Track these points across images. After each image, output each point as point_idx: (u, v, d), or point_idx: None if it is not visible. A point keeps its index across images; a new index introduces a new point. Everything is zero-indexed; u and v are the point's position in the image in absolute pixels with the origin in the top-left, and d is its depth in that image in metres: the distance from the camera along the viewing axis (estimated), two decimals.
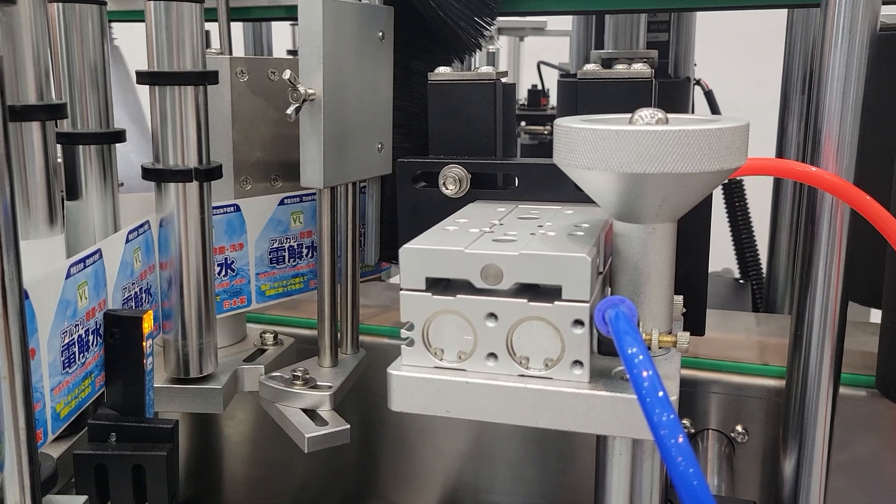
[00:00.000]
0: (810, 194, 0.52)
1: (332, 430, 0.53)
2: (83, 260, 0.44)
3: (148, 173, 0.50)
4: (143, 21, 0.48)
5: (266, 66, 0.59)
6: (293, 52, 1.39)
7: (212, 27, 0.64)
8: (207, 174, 0.51)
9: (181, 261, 0.51)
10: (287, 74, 0.50)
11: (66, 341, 0.42)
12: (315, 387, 0.55)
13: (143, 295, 0.51)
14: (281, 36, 1.26)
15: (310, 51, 0.51)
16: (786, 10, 0.94)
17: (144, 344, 0.46)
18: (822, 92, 0.50)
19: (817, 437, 0.54)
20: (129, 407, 0.46)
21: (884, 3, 0.50)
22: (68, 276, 0.42)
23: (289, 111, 0.50)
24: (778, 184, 0.98)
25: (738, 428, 0.62)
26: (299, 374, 0.56)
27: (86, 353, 0.44)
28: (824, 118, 0.50)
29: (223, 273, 0.58)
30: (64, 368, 0.42)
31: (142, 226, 0.50)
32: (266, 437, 0.77)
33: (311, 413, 0.54)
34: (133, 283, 0.50)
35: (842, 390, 0.55)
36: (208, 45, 0.91)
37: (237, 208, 0.58)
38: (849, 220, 0.51)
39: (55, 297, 0.41)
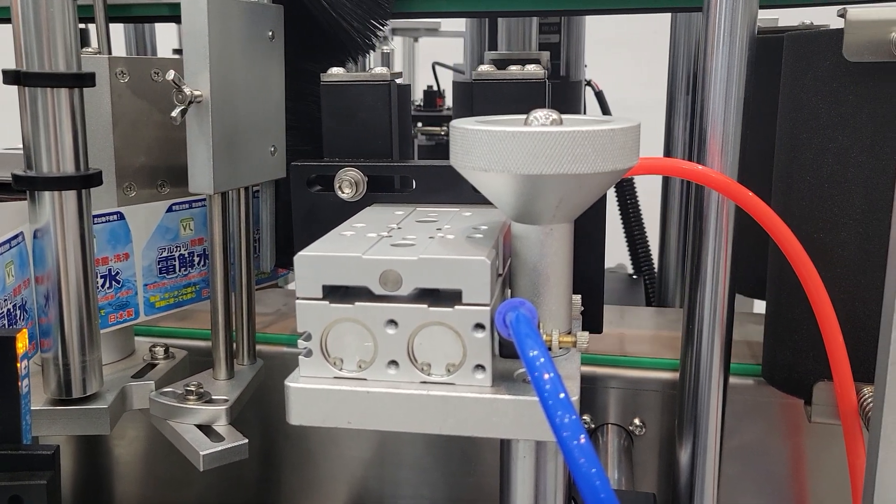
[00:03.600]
0: (698, 192, 0.54)
1: (228, 445, 0.51)
2: None
3: (19, 181, 0.47)
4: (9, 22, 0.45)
5: (149, 66, 0.57)
6: (180, 52, 1.34)
7: (92, 27, 0.60)
8: (85, 181, 0.48)
9: (59, 274, 0.48)
10: (171, 75, 0.48)
11: None
12: (210, 401, 0.53)
13: (18, 311, 0.48)
14: (166, 35, 1.21)
15: (195, 50, 0.49)
16: (670, 14, 0.98)
17: (19, 365, 0.42)
18: (706, 93, 0.52)
19: (710, 426, 0.56)
20: (3, 434, 0.42)
21: (760, 8, 0.52)
22: None
23: (174, 114, 0.48)
24: (667, 182, 1.01)
25: (636, 421, 0.64)
26: (193, 388, 0.53)
27: None
28: (709, 118, 0.52)
29: (107, 285, 0.55)
30: None
31: (14, 237, 0.47)
32: (159, 455, 0.73)
33: (206, 429, 0.52)
34: (5, 300, 0.46)
35: (731, 380, 0.57)
36: (86, 44, 0.86)
37: (121, 216, 0.55)
38: (734, 216, 0.53)
39: None
